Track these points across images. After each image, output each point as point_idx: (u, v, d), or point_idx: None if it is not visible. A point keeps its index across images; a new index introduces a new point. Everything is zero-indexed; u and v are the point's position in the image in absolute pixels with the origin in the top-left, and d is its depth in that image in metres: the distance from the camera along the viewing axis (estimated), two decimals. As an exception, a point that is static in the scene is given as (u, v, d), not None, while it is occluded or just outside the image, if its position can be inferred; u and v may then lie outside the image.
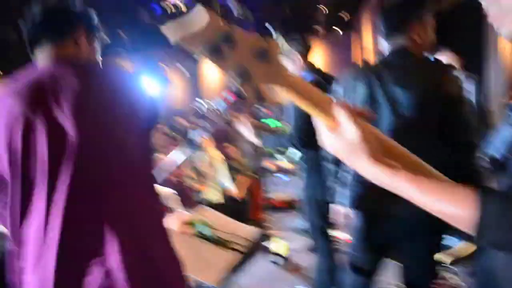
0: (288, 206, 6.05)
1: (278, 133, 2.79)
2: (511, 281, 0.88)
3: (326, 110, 0.83)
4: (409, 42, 1.86)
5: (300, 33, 2.89)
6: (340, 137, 0.82)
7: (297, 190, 5.35)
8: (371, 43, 10.75)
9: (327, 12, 11.51)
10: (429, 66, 1.85)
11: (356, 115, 0.83)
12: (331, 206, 2.47)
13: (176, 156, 2.70)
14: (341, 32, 14.18)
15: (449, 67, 1.85)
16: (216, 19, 0.72)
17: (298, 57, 2.80)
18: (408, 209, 0.84)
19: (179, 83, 15.03)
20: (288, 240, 4.58)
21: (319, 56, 13.95)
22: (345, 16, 12.46)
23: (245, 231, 2.46)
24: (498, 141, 0.92)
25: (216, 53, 0.73)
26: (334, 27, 13.78)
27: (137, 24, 10.06)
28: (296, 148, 2.67)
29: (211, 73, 15.39)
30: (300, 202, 4.61)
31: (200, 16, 0.71)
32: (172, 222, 2.36)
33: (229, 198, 6.39)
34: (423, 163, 0.89)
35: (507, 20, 0.89)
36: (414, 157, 0.88)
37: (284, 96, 0.83)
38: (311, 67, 2.85)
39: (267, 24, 2.90)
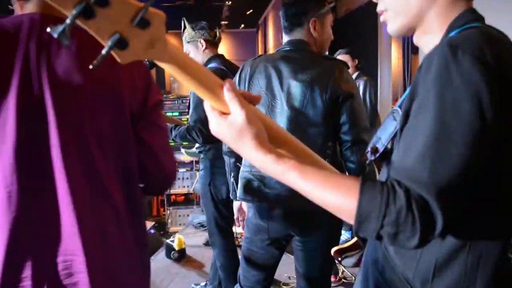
0: (187, 199, 5.99)
1: (179, 125, 2.73)
2: (392, 269, 0.92)
3: (216, 94, 0.78)
4: (307, 37, 1.91)
5: (205, 22, 2.87)
6: (228, 121, 0.79)
7: (194, 184, 5.35)
8: (273, 40, 11.01)
9: (233, 8, 11.56)
10: (323, 61, 1.91)
11: (244, 98, 0.80)
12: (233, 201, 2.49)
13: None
14: (245, 28, 14.36)
15: (342, 64, 1.92)
16: None
17: (202, 43, 2.78)
18: (305, 202, 0.83)
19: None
20: (185, 235, 4.52)
21: (224, 51, 14.01)
22: (251, 13, 12.61)
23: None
24: (383, 134, 0.97)
25: (88, 14, 0.62)
26: (239, 23, 13.91)
27: None
28: (195, 140, 2.63)
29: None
30: (199, 196, 4.58)
31: None
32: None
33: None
34: (311, 152, 0.90)
35: (391, 15, 0.96)
36: (302, 146, 0.89)
37: (168, 70, 0.74)
38: (216, 55, 2.84)
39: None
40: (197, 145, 2.93)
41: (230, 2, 11.11)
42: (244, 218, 2.14)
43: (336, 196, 0.75)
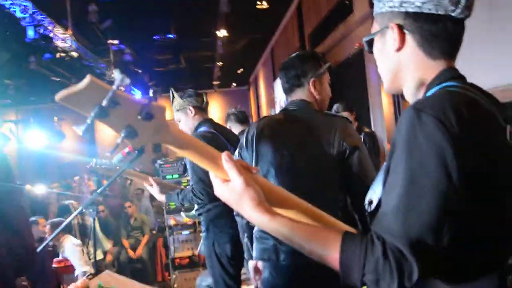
0: (192, 262, 5.91)
1: (181, 188, 2.77)
2: None
3: (217, 163, 0.91)
4: (308, 96, 1.98)
5: (194, 90, 3.00)
6: (229, 187, 0.90)
7: (199, 246, 5.30)
8: (265, 96, 11.24)
9: (223, 68, 11.88)
10: (327, 118, 1.97)
11: (241, 167, 0.91)
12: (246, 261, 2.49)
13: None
14: (237, 86, 14.69)
15: (345, 119, 1.99)
16: (97, 81, 0.75)
17: (191, 110, 2.87)
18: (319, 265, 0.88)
19: (74, 137, 14.44)
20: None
21: (217, 109, 14.25)
22: (240, 72, 12.95)
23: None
24: (377, 187, 1.02)
25: (103, 114, 0.76)
26: (230, 82, 14.25)
27: (27, 75, 9.54)
28: (202, 200, 2.66)
29: (107, 130, 14.94)
30: (204, 258, 4.53)
31: (84, 80, 0.75)
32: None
33: (127, 260, 6.12)
34: (309, 205, 0.99)
35: (382, 76, 1.05)
36: (300, 201, 0.99)
37: (175, 152, 0.90)
38: (205, 119, 2.93)
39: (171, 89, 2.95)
40: (196, 207, 2.96)
41: (221, 63, 11.45)
42: (260, 277, 2.12)
43: (322, 248, 0.83)
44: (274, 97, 9.32)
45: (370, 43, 1.03)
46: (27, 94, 12.18)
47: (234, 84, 14.67)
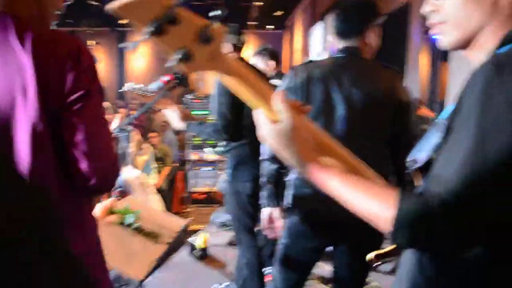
0: (209, 198, 6.04)
1: (205, 122, 2.75)
2: (430, 279, 0.93)
3: (267, 102, 0.85)
4: (362, 44, 1.91)
5: (236, 26, 2.90)
6: (277, 129, 0.84)
7: (219, 183, 5.38)
8: (301, 43, 11.00)
9: (261, 8, 11.59)
10: (382, 70, 1.92)
11: (293, 107, 0.85)
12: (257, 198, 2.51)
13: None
14: (273, 29, 14.39)
15: (399, 73, 1.94)
16: None
17: (230, 48, 2.81)
18: (348, 212, 0.86)
19: (106, 63, 14.57)
20: (209, 233, 4.56)
21: (250, 51, 14.05)
22: (278, 14, 12.63)
23: (171, 223, 2.41)
24: (426, 145, 0.98)
25: (160, 32, 0.71)
26: (266, 24, 13.94)
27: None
28: (222, 137, 2.67)
29: (138, 61, 15.04)
30: (222, 195, 4.62)
31: None
32: (96, 210, 2.25)
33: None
34: (357, 160, 0.94)
35: (448, 28, 0.94)
36: (349, 154, 0.93)
37: (225, 82, 0.83)
38: (240, 58, 2.88)
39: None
40: (224, 143, 2.96)
41: (260, 3, 11.16)
42: (274, 226, 2.13)
43: (375, 204, 0.79)
44: (309, 45, 9.11)
45: None
46: (64, 17, 12.16)
47: (272, 27, 14.35)
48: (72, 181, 1.15)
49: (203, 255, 4.11)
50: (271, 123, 0.86)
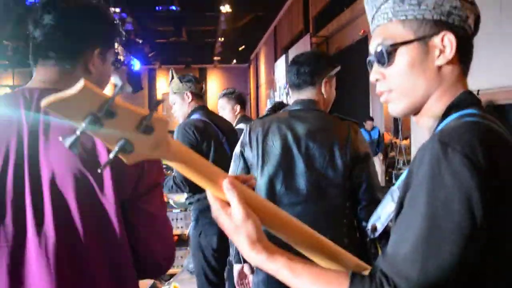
0: (181, 240, 5.92)
1: (169, 176, 2.71)
2: None
3: (217, 184, 0.82)
4: (317, 96, 1.91)
5: (192, 76, 2.94)
6: (227, 213, 0.82)
7: (190, 227, 5.27)
8: (264, 77, 11.15)
9: (224, 44, 11.74)
10: (337, 121, 1.91)
11: (242, 191, 0.82)
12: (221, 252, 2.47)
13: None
14: (238, 63, 14.56)
15: (355, 124, 1.93)
16: (92, 87, 0.65)
17: (188, 95, 2.81)
18: None
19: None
20: (180, 281, 4.43)
21: (216, 84, 14.16)
22: (243, 50, 12.81)
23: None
24: (382, 213, 0.98)
25: (96, 125, 0.67)
26: (231, 59, 14.11)
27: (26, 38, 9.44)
28: (182, 190, 2.64)
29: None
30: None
31: (77, 85, 0.66)
32: None
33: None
34: (312, 231, 0.90)
35: (395, 96, 0.93)
36: (303, 226, 0.89)
37: (174, 167, 0.80)
38: (200, 106, 2.87)
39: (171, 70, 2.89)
40: (186, 196, 2.91)
41: (222, 39, 11.31)
42: (246, 281, 2.08)
43: None
44: (274, 78, 9.24)
45: (390, 51, 0.90)
46: (25, 57, 12.04)
47: (235, 61, 14.53)
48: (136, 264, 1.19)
49: (175, 305, 3.98)
50: (221, 206, 0.83)
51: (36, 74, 1.17)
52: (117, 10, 8.86)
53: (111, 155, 0.71)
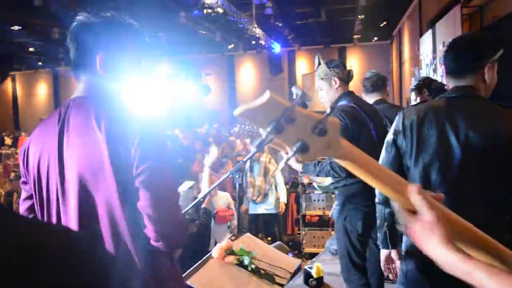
0: (322, 221, 6.01)
1: (320, 162, 2.76)
2: None
3: (398, 190, 0.85)
4: (478, 83, 1.79)
5: (340, 61, 2.91)
6: (418, 220, 0.85)
7: (333, 209, 5.32)
8: (409, 53, 10.58)
9: (364, 21, 11.39)
10: (503, 110, 1.76)
11: (431, 199, 0.85)
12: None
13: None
14: (378, 41, 14.03)
15: None
16: (276, 97, 0.76)
17: (336, 81, 2.80)
18: None
19: (217, 90, 15.30)
20: (322, 261, 4.51)
21: (356, 64, 13.84)
22: (384, 26, 12.30)
23: (285, 263, 2.44)
24: None
25: (279, 130, 0.78)
26: (371, 36, 13.65)
27: (176, 28, 10.24)
28: (339, 174, 2.64)
29: (247, 82, 15.59)
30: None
31: (264, 96, 0.76)
32: (214, 251, 2.36)
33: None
34: (497, 244, 0.88)
35: None
36: (488, 239, 0.88)
37: (344, 165, 0.86)
38: (347, 92, 2.85)
39: (317, 56, 2.91)
40: (329, 180, 2.93)
41: (362, 16, 10.98)
42: (393, 266, 2.07)
43: None
44: (419, 54, 8.73)
45: None
46: (177, 46, 13.08)
47: (375, 38, 14.02)
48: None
49: (318, 285, 4.07)
50: (409, 215, 0.87)
51: None
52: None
53: (290, 155, 0.82)
